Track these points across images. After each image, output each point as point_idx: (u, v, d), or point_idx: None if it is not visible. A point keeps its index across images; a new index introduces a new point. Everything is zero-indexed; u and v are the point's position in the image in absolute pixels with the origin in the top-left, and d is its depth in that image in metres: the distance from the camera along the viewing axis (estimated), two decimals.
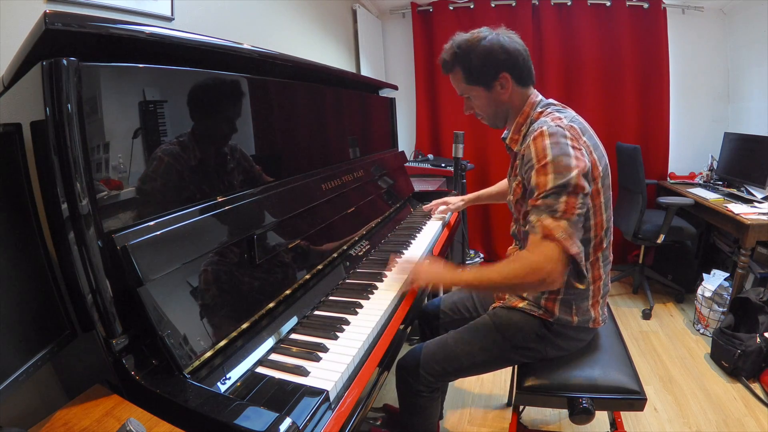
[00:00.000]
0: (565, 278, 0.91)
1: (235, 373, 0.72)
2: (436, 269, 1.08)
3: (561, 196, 0.89)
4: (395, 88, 2.00)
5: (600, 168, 0.98)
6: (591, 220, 1.00)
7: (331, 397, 0.68)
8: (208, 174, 0.86)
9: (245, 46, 0.92)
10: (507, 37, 1.02)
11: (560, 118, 0.97)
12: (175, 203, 0.78)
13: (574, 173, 0.89)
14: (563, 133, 0.93)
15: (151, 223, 0.71)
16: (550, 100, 1.08)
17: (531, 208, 0.93)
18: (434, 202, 1.76)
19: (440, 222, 1.66)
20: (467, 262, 2.83)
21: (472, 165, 2.79)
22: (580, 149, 0.92)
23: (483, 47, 1.00)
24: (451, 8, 2.98)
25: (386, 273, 1.14)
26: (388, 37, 3.22)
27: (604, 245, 1.05)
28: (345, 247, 1.25)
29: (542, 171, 0.91)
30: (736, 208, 2.12)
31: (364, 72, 2.81)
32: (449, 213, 1.73)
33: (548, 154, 0.91)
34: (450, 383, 1.66)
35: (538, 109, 1.05)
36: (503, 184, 1.61)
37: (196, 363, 0.69)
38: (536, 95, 1.08)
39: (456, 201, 1.71)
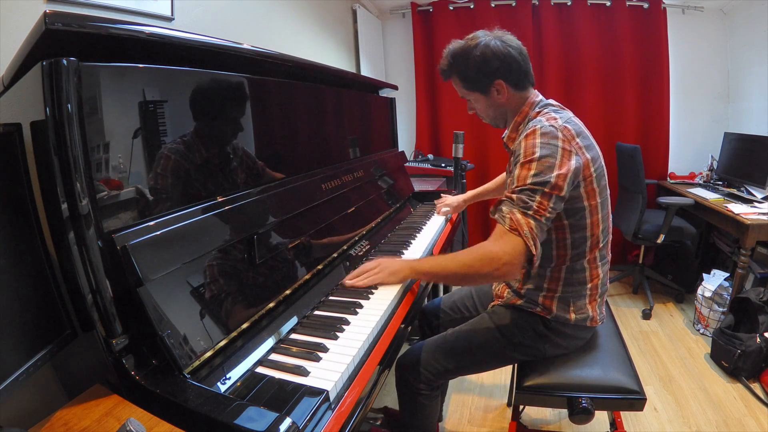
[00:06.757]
0: (520, 273, 0.92)
1: (235, 373, 0.72)
2: (394, 265, 1.05)
3: (536, 194, 0.90)
4: (395, 88, 2.00)
5: (593, 168, 0.98)
6: (586, 219, 1.01)
7: (331, 397, 0.68)
8: (210, 173, 0.86)
9: (245, 46, 0.92)
10: (501, 42, 1.02)
11: (555, 119, 0.98)
12: (176, 203, 0.78)
13: (554, 174, 0.90)
14: (555, 134, 0.93)
15: (151, 223, 0.71)
16: (550, 101, 1.09)
17: (505, 199, 0.95)
18: (438, 204, 1.78)
19: (440, 221, 1.66)
20: None
21: (472, 165, 2.79)
22: (570, 151, 0.93)
23: (475, 57, 1.02)
24: (451, 8, 2.97)
25: None
26: (388, 37, 3.21)
27: (601, 245, 1.05)
28: (345, 247, 1.25)
29: (526, 166, 0.93)
30: (736, 208, 2.12)
31: (364, 72, 2.81)
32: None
33: (536, 152, 0.92)
34: (450, 383, 1.66)
35: (536, 109, 1.06)
36: (501, 179, 1.62)
37: (196, 363, 0.69)
38: (536, 95, 1.09)
39: (456, 201, 1.72)
